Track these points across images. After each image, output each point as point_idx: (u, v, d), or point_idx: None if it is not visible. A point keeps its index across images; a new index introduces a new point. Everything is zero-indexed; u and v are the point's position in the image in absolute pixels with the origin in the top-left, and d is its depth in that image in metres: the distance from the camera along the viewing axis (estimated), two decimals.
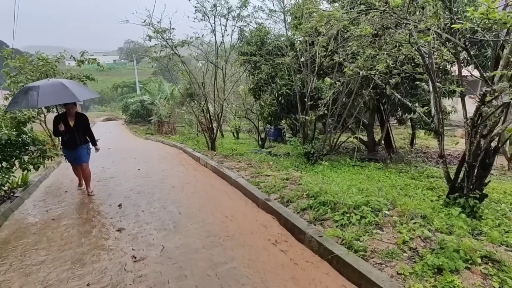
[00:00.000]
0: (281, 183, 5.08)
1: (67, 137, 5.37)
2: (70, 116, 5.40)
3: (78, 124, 5.45)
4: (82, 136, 5.52)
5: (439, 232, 3.02)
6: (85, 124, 5.57)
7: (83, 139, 5.56)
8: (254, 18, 8.72)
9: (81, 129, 5.50)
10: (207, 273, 2.84)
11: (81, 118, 5.55)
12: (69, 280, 2.89)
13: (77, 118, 5.47)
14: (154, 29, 7.97)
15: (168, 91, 21.71)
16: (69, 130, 5.35)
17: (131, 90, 39.91)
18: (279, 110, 9.35)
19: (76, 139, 5.43)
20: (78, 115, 5.54)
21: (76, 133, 5.42)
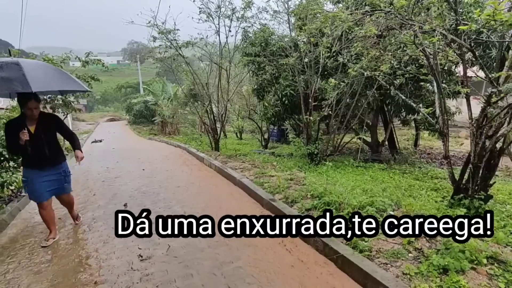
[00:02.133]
0: (285, 183, 5.10)
1: (29, 150, 3.36)
2: (30, 120, 3.39)
3: (45, 128, 3.46)
4: (54, 148, 3.58)
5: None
6: (57, 127, 3.64)
7: (56, 154, 3.61)
8: (258, 19, 8.76)
9: (51, 136, 3.57)
10: (213, 272, 2.87)
11: (49, 120, 3.55)
12: (78, 276, 2.93)
13: (42, 121, 3.45)
14: (159, 30, 8.03)
15: (171, 92, 21.80)
16: (32, 139, 3.35)
17: (134, 90, 40.11)
18: (283, 110, 9.37)
19: (45, 153, 3.47)
20: (44, 117, 3.51)
21: (44, 144, 3.45)
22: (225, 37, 9.03)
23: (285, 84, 8.59)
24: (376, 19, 4.64)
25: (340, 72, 7.30)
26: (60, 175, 3.67)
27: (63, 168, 3.71)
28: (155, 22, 8.24)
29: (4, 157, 5.25)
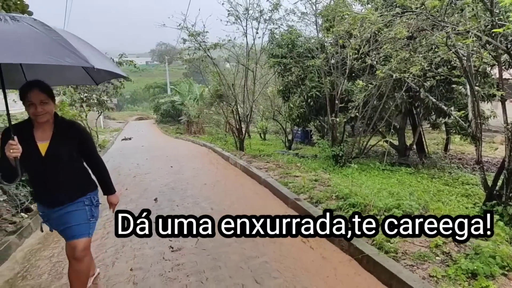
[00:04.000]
0: (310, 184, 5.15)
1: (34, 179, 2.20)
2: (40, 127, 2.10)
3: (64, 144, 2.14)
4: (77, 177, 2.27)
5: (474, 238, 2.97)
6: (80, 142, 2.23)
7: (75, 183, 2.24)
8: (286, 20, 8.85)
9: (70, 156, 2.18)
10: (240, 266, 2.99)
11: (71, 132, 2.22)
12: (115, 263, 3.16)
13: (60, 132, 2.14)
14: (189, 33, 8.32)
15: (197, 92, 22.33)
16: (39, 160, 2.07)
17: (162, 90, 41.37)
18: (308, 112, 9.39)
19: (61, 185, 2.17)
20: (63, 126, 2.19)
21: (61, 169, 2.15)
22: (252, 38, 9.20)
23: (311, 85, 8.61)
24: (406, 21, 4.60)
25: (367, 74, 7.23)
26: (80, 206, 2.20)
27: (89, 197, 2.27)
28: (185, 24, 8.56)
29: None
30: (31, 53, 1.61)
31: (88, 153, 2.32)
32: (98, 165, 2.37)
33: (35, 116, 2.00)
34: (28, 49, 1.60)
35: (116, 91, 11.48)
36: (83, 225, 2.22)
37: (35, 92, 1.96)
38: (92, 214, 2.28)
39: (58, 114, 2.20)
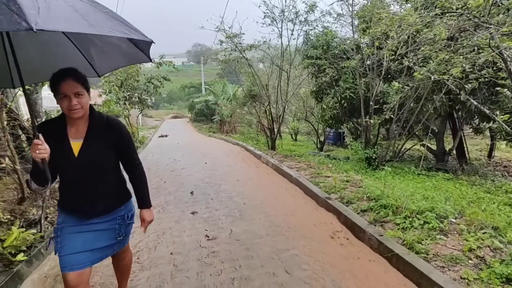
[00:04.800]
0: (341, 184, 5.19)
1: (65, 183, 1.85)
2: (74, 123, 1.78)
3: (100, 144, 1.81)
4: (113, 182, 1.93)
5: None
6: (120, 143, 1.89)
7: (116, 192, 1.95)
8: (321, 22, 8.88)
9: (110, 159, 1.88)
10: (271, 257, 3.16)
11: (110, 130, 1.85)
12: (157, 247, 3.46)
13: (96, 131, 1.80)
14: (226, 35, 8.64)
15: (231, 92, 22.83)
16: (72, 161, 1.74)
17: (196, 90, 42.69)
18: (341, 113, 9.33)
19: (96, 192, 1.84)
20: (101, 123, 1.83)
21: (89, 173, 1.79)
22: (287, 40, 9.33)
23: (345, 86, 8.57)
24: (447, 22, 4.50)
25: (404, 75, 7.08)
26: (115, 223, 1.90)
27: (123, 211, 1.95)
28: (222, 27, 8.89)
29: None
30: (100, 25, 1.41)
31: (127, 156, 1.94)
32: (137, 172, 1.96)
33: (69, 111, 1.66)
34: (97, 22, 1.40)
35: (155, 90, 12.14)
36: (109, 246, 1.90)
37: (69, 82, 1.63)
38: (120, 234, 1.91)
39: (94, 108, 1.85)
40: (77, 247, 1.78)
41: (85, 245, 1.80)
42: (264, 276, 2.81)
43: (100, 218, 1.86)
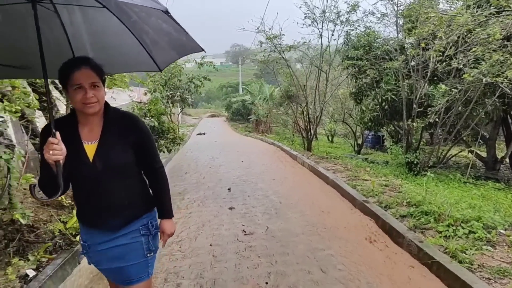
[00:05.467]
0: (379, 188, 5.08)
1: (79, 192, 1.59)
2: (87, 122, 1.52)
3: (113, 144, 1.53)
4: (130, 188, 1.61)
5: None
6: (139, 143, 1.59)
7: (132, 200, 1.61)
8: (363, 22, 8.69)
9: (125, 162, 1.56)
10: (306, 255, 3.22)
11: (124, 127, 1.57)
12: (197, 238, 3.68)
13: (113, 129, 1.54)
14: (266, 36, 8.78)
15: (267, 93, 22.99)
16: (86, 167, 1.48)
17: (234, 90, 43.48)
18: (381, 116, 9.06)
19: (107, 200, 1.55)
20: (114, 119, 1.56)
21: (107, 180, 1.52)
22: (327, 40, 9.26)
23: (386, 88, 8.31)
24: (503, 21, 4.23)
25: (453, 77, 6.71)
26: (139, 234, 1.62)
27: (145, 219, 1.66)
28: (262, 28, 9.04)
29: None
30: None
31: (148, 158, 1.64)
32: (158, 176, 1.69)
33: (84, 106, 1.40)
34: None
35: (196, 89, 12.62)
36: (140, 264, 1.61)
37: (84, 71, 1.39)
38: (149, 248, 1.63)
39: (109, 104, 1.58)
40: (108, 262, 1.59)
41: (114, 260, 1.58)
42: (299, 272, 2.89)
43: (123, 230, 1.57)
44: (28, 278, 2.70)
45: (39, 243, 3.15)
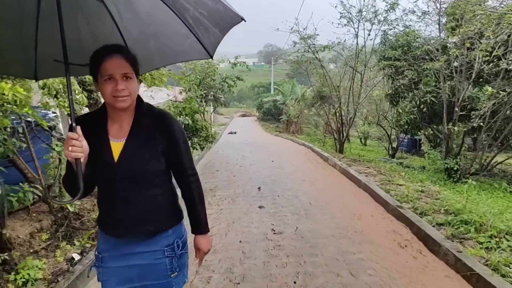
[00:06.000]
0: (414, 194, 4.88)
1: (102, 195, 1.41)
2: (117, 117, 1.35)
3: (142, 144, 1.34)
4: (157, 195, 1.39)
5: None
6: (170, 145, 1.38)
7: (159, 210, 1.40)
8: (402, 21, 8.36)
9: (153, 165, 1.36)
10: (336, 257, 3.19)
11: (156, 126, 1.37)
12: (227, 234, 3.78)
13: (141, 125, 1.36)
14: (300, 36, 8.75)
15: (299, 93, 22.81)
16: (110, 168, 1.31)
17: (265, 90, 43.61)
18: (419, 118, 8.67)
19: (131, 207, 1.34)
20: (146, 116, 1.38)
21: (132, 184, 1.33)
22: (363, 40, 9.02)
23: (425, 90, 7.94)
24: None
25: (501, 79, 6.27)
26: (162, 256, 1.40)
27: (172, 238, 1.44)
28: (297, 28, 9.01)
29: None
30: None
31: (181, 163, 1.44)
32: (193, 185, 1.47)
33: (114, 99, 1.25)
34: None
35: (229, 89, 12.86)
36: (161, 285, 1.41)
37: (116, 60, 1.24)
38: (172, 269, 1.41)
39: (142, 99, 1.41)
40: (125, 282, 1.38)
41: (132, 281, 1.38)
42: (328, 274, 2.87)
43: (144, 246, 1.37)
44: (73, 261, 2.95)
45: (83, 230, 3.42)
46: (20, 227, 2.84)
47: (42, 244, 2.99)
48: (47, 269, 2.76)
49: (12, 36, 1.40)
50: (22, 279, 2.49)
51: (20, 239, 2.76)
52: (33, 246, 2.90)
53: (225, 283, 2.76)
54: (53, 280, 2.65)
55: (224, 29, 1.40)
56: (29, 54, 1.32)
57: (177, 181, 1.49)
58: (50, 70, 1.53)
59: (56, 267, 2.85)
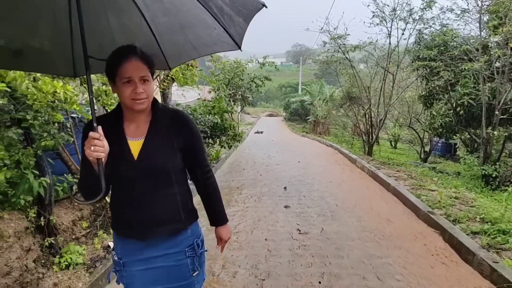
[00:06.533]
0: (447, 200, 4.69)
1: (119, 195, 1.39)
2: (133, 118, 1.37)
3: (160, 142, 1.36)
4: (176, 193, 1.39)
5: None
6: (186, 144, 1.41)
7: (179, 207, 1.40)
8: (440, 19, 8.01)
9: (172, 162, 1.37)
10: (362, 260, 3.16)
11: (172, 125, 1.40)
12: (253, 231, 3.85)
13: (158, 125, 1.38)
14: (330, 36, 8.64)
15: (327, 93, 22.47)
16: (130, 166, 1.32)
17: (293, 90, 43.37)
18: (455, 121, 8.26)
19: (152, 206, 1.35)
20: (162, 116, 1.40)
21: (152, 182, 1.34)
22: (396, 40, 8.75)
23: (463, 92, 7.56)
24: None
25: None
26: (184, 256, 1.42)
27: (191, 239, 1.45)
28: (327, 28, 8.91)
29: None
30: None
31: (197, 160, 1.48)
32: (209, 181, 1.52)
33: (133, 102, 1.26)
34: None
35: (257, 88, 12.97)
36: (184, 286, 1.42)
37: (134, 63, 1.24)
38: (194, 268, 1.43)
39: (157, 99, 1.44)
40: (148, 284, 1.38)
41: (156, 283, 1.38)
42: (354, 277, 2.85)
43: (165, 248, 1.38)
44: (109, 249, 3.15)
45: None
46: (64, 214, 3.07)
47: (83, 231, 3.22)
48: (86, 254, 2.98)
49: (52, 35, 1.42)
50: (65, 262, 2.71)
51: (64, 226, 2.99)
52: (75, 233, 3.12)
53: (251, 279, 2.83)
54: (92, 266, 2.85)
55: (247, 17, 1.36)
56: (68, 52, 1.31)
57: (193, 178, 1.52)
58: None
59: (94, 254, 3.06)
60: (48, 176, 2.70)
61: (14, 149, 2.35)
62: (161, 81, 5.51)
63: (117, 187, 1.37)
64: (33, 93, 2.16)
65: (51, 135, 2.52)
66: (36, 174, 2.54)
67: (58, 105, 2.45)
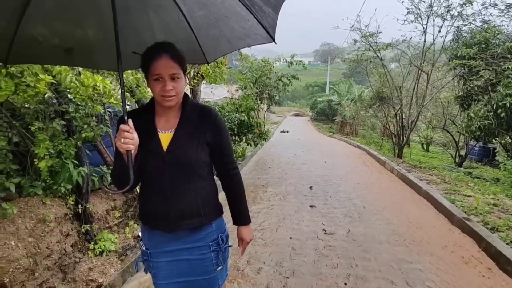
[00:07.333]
0: (485, 207, 4.43)
1: (148, 186, 1.42)
2: (164, 113, 1.42)
3: (189, 137, 1.39)
4: (203, 187, 1.43)
5: None
6: (214, 140, 1.44)
7: (205, 202, 1.43)
8: (481, 15, 7.55)
9: (199, 156, 1.40)
10: (390, 264, 3.06)
11: (201, 121, 1.43)
12: (278, 229, 3.84)
13: (187, 120, 1.42)
14: (361, 34, 8.42)
15: (356, 93, 21.92)
16: (160, 158, 1.35)
17: (320, 89, 42.78)
18: (495, 124, 7.75)
19: (179, 198, 1.38)
20: (192, 111, 1.43)
21: (180, 175, 1.37)
22: (432, 38, 8.35)
23: (505, 92, 7.08)
24: None
25: None
26: (209, 250, 1.45)
27: (216, 233, 1.48)
28: (358, 26, 8.69)
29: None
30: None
31: (224, 157, 1.50)
32: (234, 178, 1.53)
33: (162, 98, 1.30)
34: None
35: (284, 87, 12.90)
36: (208, 280, 1.45)
37: (165, 60, 1.27)
38: (217, 263, 1.46)
39: (188, 95, 1.47)
40: (173, 276, 1.42)
41: (181, 275, 1.42)
42: (381, 281, 2.78)
43: (190, 242, 1.41)
44: (139, 238, 3.27)
45: None
46: (99, 203, 3.24)
47: (115, 220, 3.37)
48: (118, 243, 3.12)
49: (97, 32, 1.49)
50: (99, 249, 2.85)
51: (99, 214, 3.15)
52: (108, 221, 3.28)
53: (275, 276, 2.83)
54: (123, 254, 2.98)
55: (276, 6, 1.35)
56: (111, 47, 1.32)
57: (219, 174, 1.54)
58: (128, 62, 1.50)
59: (125, 242, 3.20)
60: (86, 167, 2.85)
61: (57, 140, 2.51)
62: (191, 79, 5.64)
63: (146, 179, 1.40)
64: (76, 86, 2.30)
65: (91, 127, 2.67)
66: (75, 163, 2.70)
67: (97, 98, 2.59)
